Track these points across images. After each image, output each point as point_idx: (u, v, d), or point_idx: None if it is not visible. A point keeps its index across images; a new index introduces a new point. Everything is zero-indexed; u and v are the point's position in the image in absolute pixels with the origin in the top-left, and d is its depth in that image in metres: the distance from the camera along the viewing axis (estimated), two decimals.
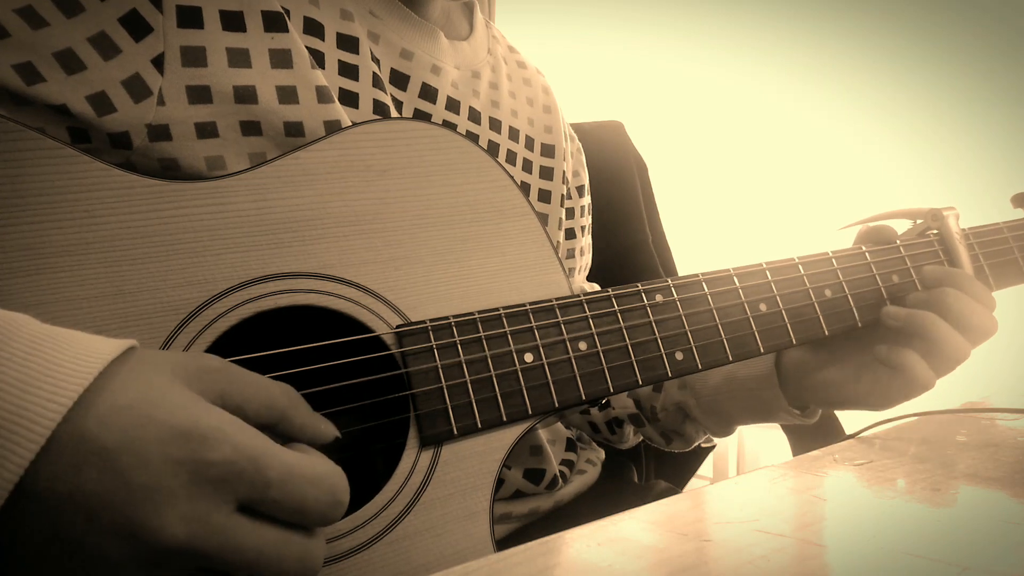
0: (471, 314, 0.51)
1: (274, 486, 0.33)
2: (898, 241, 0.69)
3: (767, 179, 2.33)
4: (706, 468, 2.29)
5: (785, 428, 0.90)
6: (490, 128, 0.72)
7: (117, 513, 0.30)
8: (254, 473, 0.32)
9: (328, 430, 0.40)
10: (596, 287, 0.87)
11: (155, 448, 0.31)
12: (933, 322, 0.61)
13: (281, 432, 0.38)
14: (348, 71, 0.59)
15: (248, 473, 0.32)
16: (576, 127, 1.09)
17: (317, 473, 0.34)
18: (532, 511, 0.71)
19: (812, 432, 0.83)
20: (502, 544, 0.46)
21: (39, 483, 0.29)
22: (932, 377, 0.61)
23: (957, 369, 0.63)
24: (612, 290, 0.56)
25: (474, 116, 0.70)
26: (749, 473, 0.50)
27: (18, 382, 0.30)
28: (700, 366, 0.57)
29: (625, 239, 1.12)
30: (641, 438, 0.88)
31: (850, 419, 0.73)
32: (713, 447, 0.94)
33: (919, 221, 0.72)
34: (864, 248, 0.67)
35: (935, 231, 0.71)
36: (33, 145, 0.43)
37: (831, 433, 0.84)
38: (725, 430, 0.78)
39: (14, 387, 0.30)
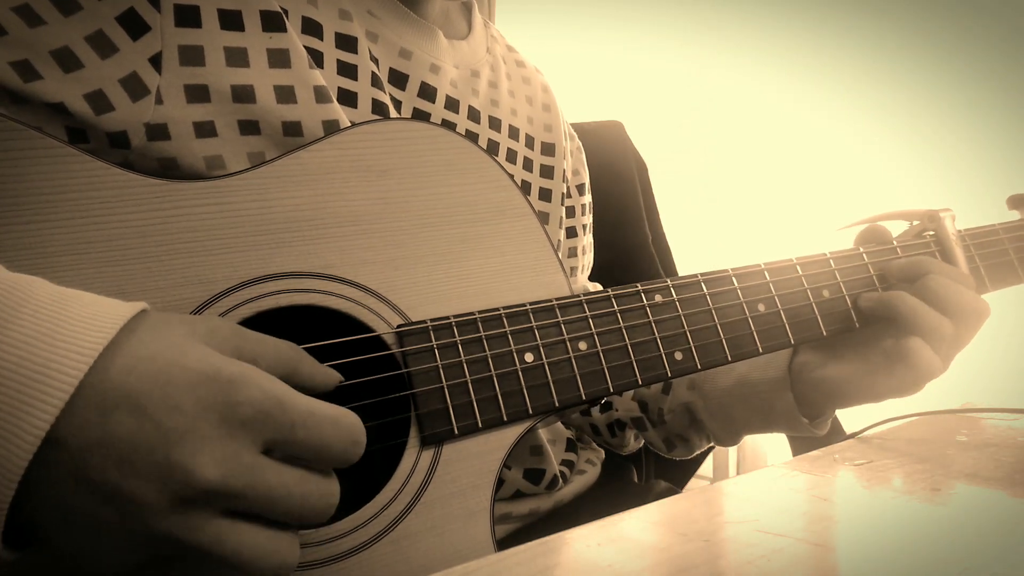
0: (471, 314, 0.51)
1: (299, 427, 0.34)
2: (895, 242, 0.69)
3: (767, 179, 2.33)
4: (706, 468, 2.30)
5: None
6: (489, 127, 0.72)
7: (151, 456, 0.31)
8: (281, 415, 0.34)
9: (333, 376, 0.43)
10: (599, 286, 0.87)
11: (185, 392, 0.32)
12: (902, 299, 0.62)
13: (292, 384, 0.39)
14: (347, 71, 0.59)
15: (275, 415, 0.34)
16: (576, 127, 1.09)
17: (336, 414, 0.36)
18: (532, 511, 0.71)
19: None
20: (502, 544, 0.46)
21: (69, 432, 0.30)
22: (937, 361, 0.61)
23: (957, 369, 0.63)
24: (612, 290, 0.56)
25: (473, 115, 0.70)
26: (749, 473, 0.50)
27: (43, 335, 0.31)
28: (699, 366, 0.57)
29: (625, 239, 1.12)
30: (642, 443, 0.88)
31: (850, 419, 0.73)
32: (713, 446, 0.94)
33: (916, 222, 0.73)
34: (862, 249, 0.68)
35: (932, 232, 0.72)
36: (32, 144, 0.43)
37: (831, 433, 0.84)
38: (732, 438, 0.77)
39: (41, 340, 0.31)
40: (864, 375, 0.65)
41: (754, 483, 0.48)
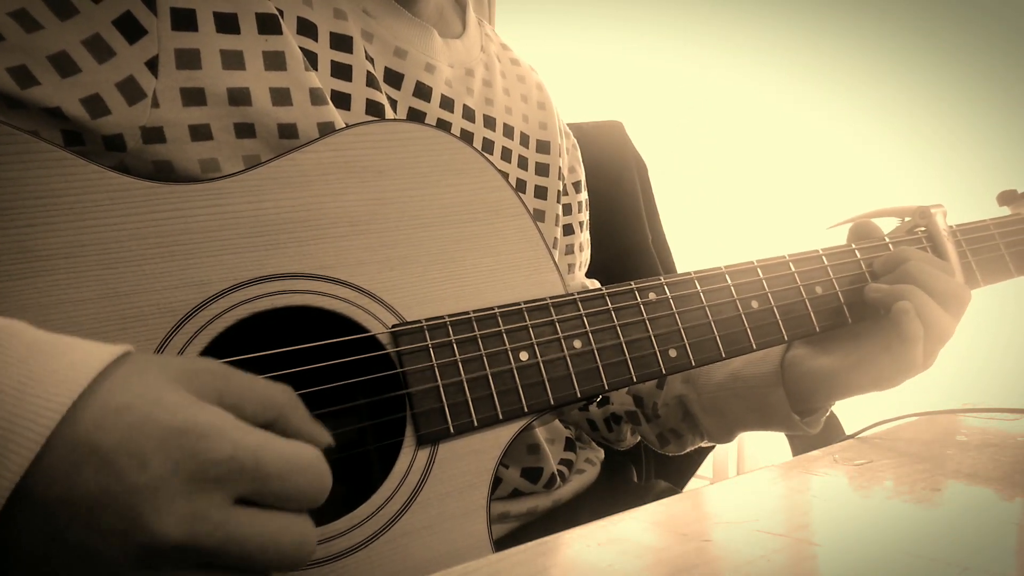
0: (466, 313, 0.51)
1: (273, 479, 0.33)
2: (887, 238, 0.69)
3: (766, 179, 2.33)
4: (706, 468, 2.29)
5: None
6: (485, 125, 0.72)
7: (115, 514, 0.30)
8: (255, 469, 0.33)
9: (322, 436, 0.40)
10: (596, 283, 0.87)
11: (154, 448, 0.31)
12: (913, 292, 0.62)
13: (278, 431, 0.38)
14: (341, 72, 0.59)
15: (249, 469, 0.33)
16: (576, 127, 1.09)
17: (309, 461, 0.35)
18: (530, 510, 0.71)
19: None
20: (501, 544, 0.46)
21: (37, 486, 0.30)
22: (922, 354, 0.61)
23: (957, 369, 0.63)
24: (606, 288, 0.56)
25: (468, 114, 0.70)
26: (749, 473, 0.50)
27: (13, 388, 0.30)
28: (693, 363, 0.57)
29: (625, 239, 1.12)
30: (638, 439, 0.88)
31: (850, 419, 0.73)
32: (713, 446, 0.94)
33: (907, 219, 0.73)
34: (854, 246, 0.68)
35: (923, 228, 0.72)
36: (27, 148, 0.43)
37: (831, 433, 0.84)
38: (725, 435, 0.77)
39: (10, 392, 0.30)
40: (853, 364, 0.65)
41: (754, 483, 0.48)
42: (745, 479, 0.49)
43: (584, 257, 0.87)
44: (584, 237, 0.87)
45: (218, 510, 0.32)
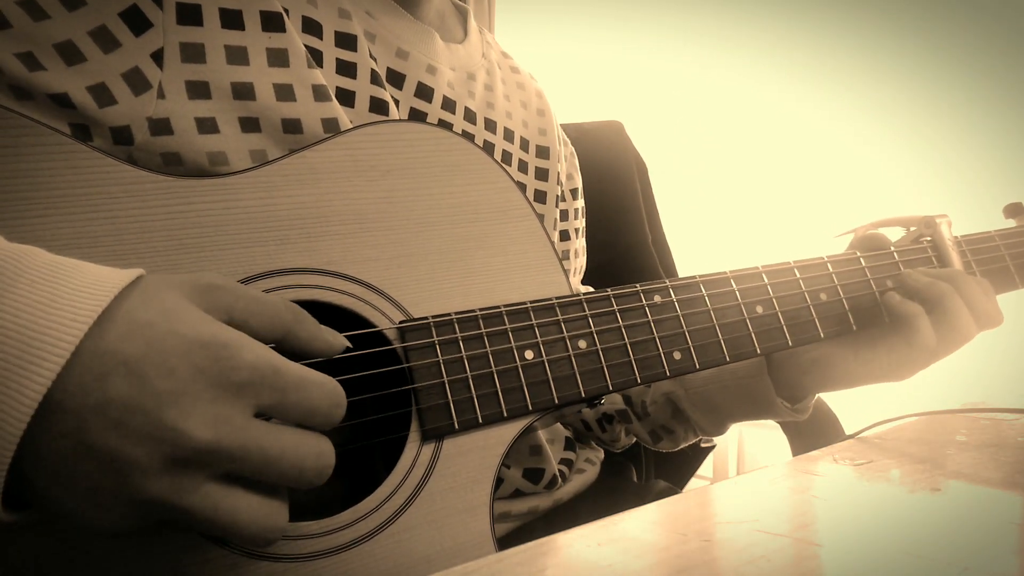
0: (473, 311, 0.52)
1: (290, 390, 0.35)
2: (892, 247, 0.70)
3: (767, 180, 2.33)
4: (706, 468, 2.30)
5: (785, 428, 0.90)
6: (485, 129, 0.72)
7: (144, 418, 0.32)
8: (274, 378, 0.35)
9: (337, 340, 0.42)
10: (590, 289, 0.87)
11: (179, 357, 0.33)
12: (952, 293, 0.63)
13: (288, 345, 0.40)
14: (346, 69, 0.60)
15: (268, 379, 0.34)
16: (576, 127, 1.10)
17: (323, 379, 0.37)
18: (531, 510, 0.71)
19: (812, 432, 0.83)
20: (501, 543, 0.46)
21: (66, 396, 0.31)
22: (935, 340, 0.62)
23: (957, 369, 0.63)
24: (611, 290, 0.57)
25: (470, 116, 0.71)
26: (749, 473, 0.50)
27: (40, 303, 0.31)
28: (697, 366, 0.57)
29: (625, 239, 1.12)
30: (633, 439, 0.88)
31: (850, 419, 0.74)
32: (713, 447, 0.94)
33: (913, 228, 0.73)
34: (859, 253, 0.68)
35: (928, 238, 0.72)
36: (43, 140, 0.43)
37: (831, 433, 0.84)
38: (716, 427, 0.78)
39: (37, 307, 0.31)
40: (856, 355, 0.65)
41: (754, 483, 0.48)
42: (745, 479, 0.49)
43: (579, 264, 0.88)
44: (580, 244, 0.87)
45: (241, 415, 0.34)
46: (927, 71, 2.01)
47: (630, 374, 0.55)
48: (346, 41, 0.60)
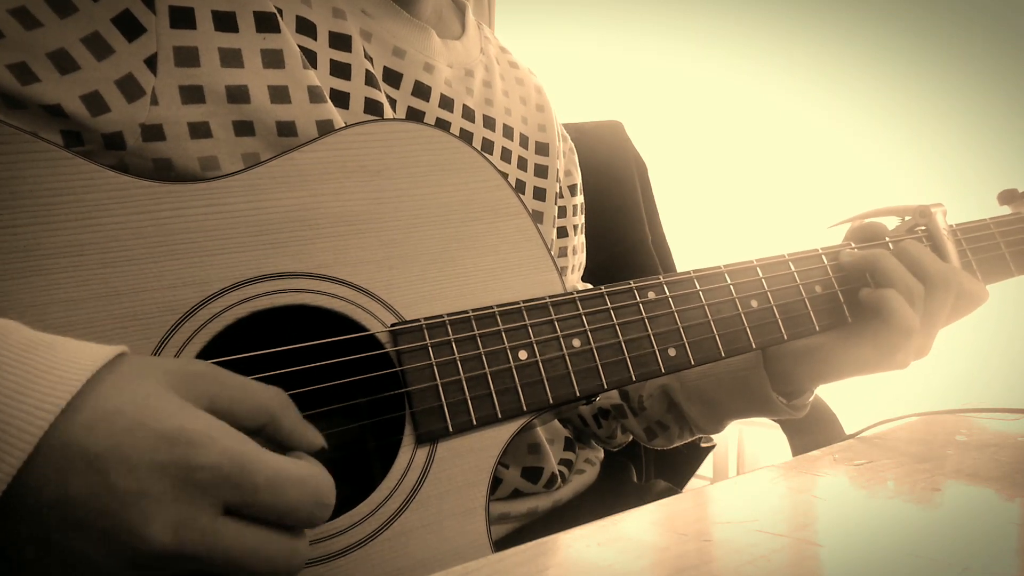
0: (465, 312, 0.51)
1: (262, 490, 0.33)
2: (887, 238, 0.69)
3: (766, 179, 2.33)
4: (706, 468, 2.29)
5: (784, 428, 0.90)
6: (484, 126, 0.72)
7: (104, 518, 0.30)
8: (241, 478, 0.33)
9: (315, 439, 0.40)
10: (589, 287, 0.87)
11: (142, 453, 0.31)
12: (884, 255, 0.63)
13: (269, 436, 0.38)
14: (340, 70, 0.60)
15: (235, 477, 0.33)
16: (576, 127, 1.09)
17: (303, 476, 0.35)
18: (531, 511, 0.71)
19: (812, 432, 0.83)
20: (501, 544, 0.46)
21: (27, 491, 0.30)
22: (912, 317, 0.62)
23: (957, 369, 0.63)
24: (605, 288, 0.56)
25: (468, 114, 0.70)
26: (749, 473, 0.50)
27: (6, 390, 0.30)
28: (693, 362, 0.57)
29: (625, 239, 1.11)
30: (630, 437, 0.88)
31: (850, 419, 0.73)
32: (713, 447, 0.94)
33: (907, 218, 0.73)
34: (853, 245, 0.68)
35: (923, 227, 0.72)
36: (27, 148, 0.43)
37: (831, 433, 0.84)
38: (712, 424, 0.77)
39: (5, 393, 0.30)
40: (845, 342, 0.65)
41: (754, 483, 0.48)
42: (745, 479, 0.49)
43: (578, 260, 0.87)
44: (579, 240, 0.87)
45: (206, 517, 0.32)
46: (921, 62, 2.01)
47: (625, 372, 0.54)
48: (340, 42, 0.60)
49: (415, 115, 0.66)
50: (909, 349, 0.63)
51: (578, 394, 0.53)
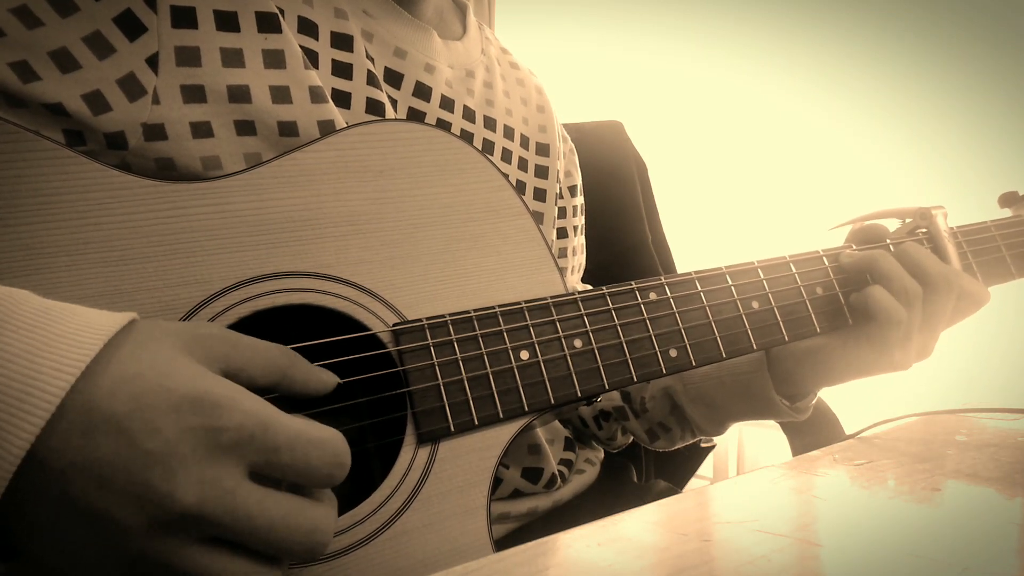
0: (467, 312, 0.51)
1: (283, 450, 0.34)
2: (888, 240, 0.70)
3: (766, 179, 2.33)
4: (706, 468, 2.29)
5: (785, 428, 0.90)
6: (485, 126, 0.72)
7: (129, 479, 0.31)
8: (264, 438, 0.33)
9: (328, 378, 0.42)
10: (589, 287, 0.87)
11: (166, 415, 0.32)
12: (883, 256, 0.64)
13: (285, 389, 0.40)
14: (341, 70, 0.60)
15: (258, 438, 0.33)
16: (576, 127, 1.09)
17: (321, 436, 0.36)
18: (531, 511, 0.71)
19: (812, 432, 0.83)
20: (500, 544, 0.46)
21: (50, 452, 0.30)
22: (898, 308, 0.62)
23: (957, 369, 0.63)
24: (606, 288, 0.56)
25: (469, 114, 0.70)
26: (749, 473, 0.50)
27: (25, 353, 0.31)
28: (694, 363, 0.57)
29: (625, 239, 1.12)
30: (631, 438, 0.88)
31: (850, 419, 0.73)
32: (713, 447, 0.94)
33: (908, 220, 0.73)
34: (855, 247, 0.68)
35: (924, 229, 0.72)
36: (30, 147, 0.43)
37: (831, 433, 0.84)
38: (714, 426, 0.77)
39: (22, 358, 0.30)
40: (844, 344, 0.65)
41: (754, 483, 0.48)
42: (745, 479, 0.49)
43: (578, 261, 0.88)
44: (579, 241, 0.87)
45: (229, 478, 0.33)
46: (921, 63, 2.01)
47: (626, 373, 0.55)
48: (342, 42, 0.60)
49: (416, 116, 0.66)
50: (908, 348, 0.63)
51: (580, 394, 0.53)
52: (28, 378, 0.30)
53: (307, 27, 0.58)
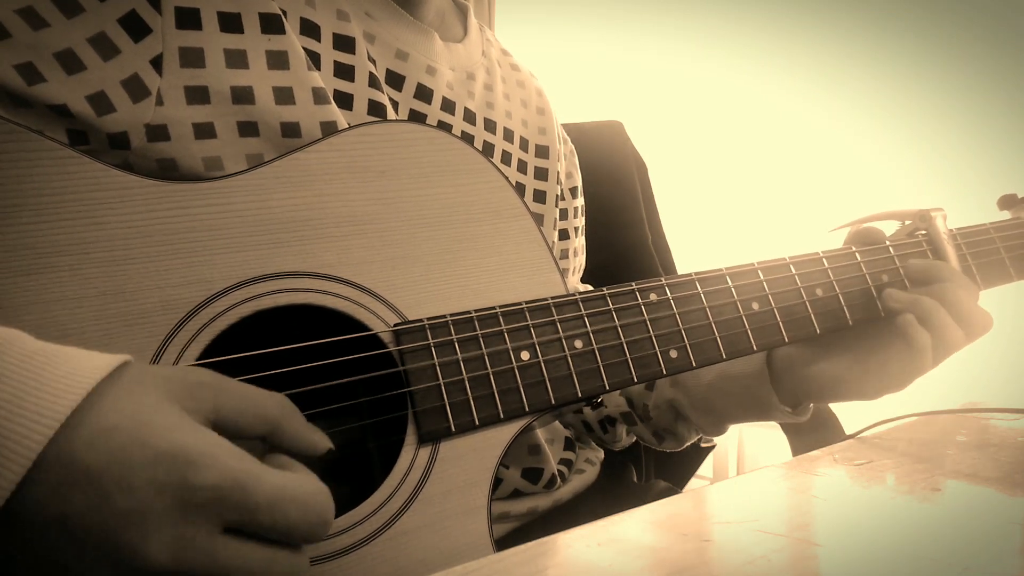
0: (468, 312, 0.51)
1: (262, 510, 0.33)
2: (887, 242, 0.70)
3: (766, 179, 2.33)
4: (706, 468, 2.29)
5: (785, 428, 0.90)
6: (485, 129, 0.72)
7: (103, 536, 0.30)
8: (241, 497, 0.32)
9: (321, 442, 0.40)
10: (589, 288, 0.87)
11: (140, 471, 0.31)
12: (936, 308, 0.62)
13: (274, 444, 0.38)
14: (343, 72, 0.60)
15: (235, 498, 0.32)
16: (576, 127, 1.09)
17: (304, 493, 0.34)
18: (530, 510, 0.71)
19: (812, 432, 0.83)
20: (500, 544, 0.46)
21: (25, 507, 0.29)
22: (931, 362, 0.62)
23: (957, 369, 0.63)
24: (607, 289, 0.56)
25: (469, 117, 0.71)
26: (749, 473, 0.50)
27: (7, 401, 0.30)
28: (694, 364, 0.57)
29: (625, 239, 1.12)
30: (634, 439, 0.88)
31: (850, 419, 0.73)
32: (713, 447, 0.94)
33: (908, 222, 0.73)
34: (854, 248, 0.68)
35: (923, 232, 0.72)
36: (33, 146, 0.43)
37: (831, 433, 0.84)
38: (718, 428, 0.78)
39: (4, 406, 0.30)
40: (855, 371, 0.65)
41: (754, 483, 0.48)
42: (745, 479, 0.49)
43: (579, 262, 0.88)
44: (579, 242, 0.87)
45: (205, 537, 0.32)
46: (922, 64, 2.01)
47: (626, 373, 0.55)
48: (344, 43, 0.60)
49: (417, 117, 0.66)
50: (928, 366, 0.63)
51: (580, 395, 0.53)
52: (7, 430, 0.29)
53: (310, 29, 0.58)
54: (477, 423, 0.49)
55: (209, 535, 0.32)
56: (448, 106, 0.69)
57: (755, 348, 0.60)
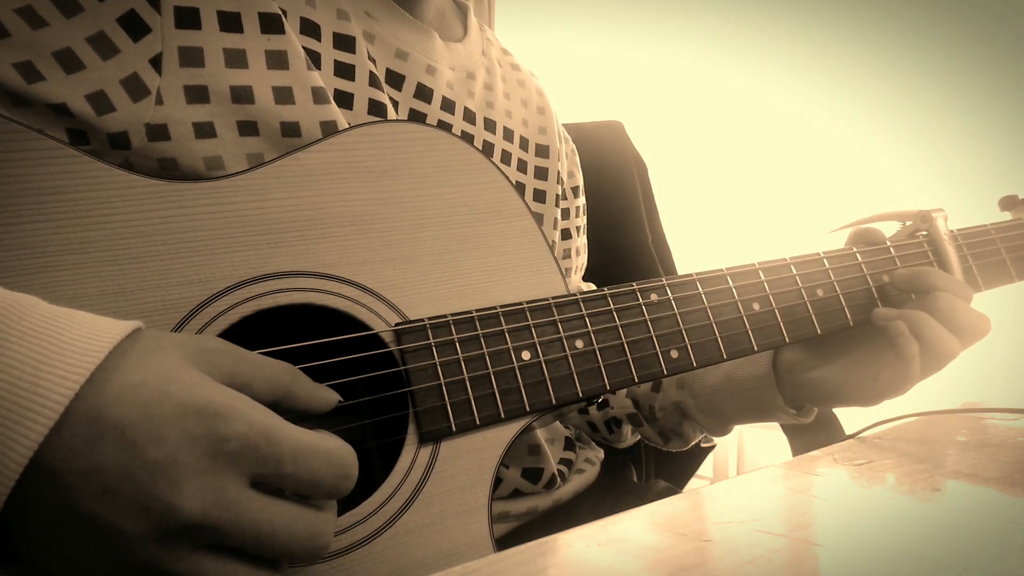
0: (469, 312, 0.52)
1: (287, 461, 0.34)
2: (888, 242, 0.70)
3: (766, 179, 2.33)
4: (706, 468, 2.30)
5: (785, 428, 0.90)
6: (485, 128, 0.72)
7: (133, 487, 0.31)
8: (268, 448, 0.33)
9: (330, 396, 0.42)
10: (592, 287, 0.87)
11: (171, 424, 0.32)
12: (925, 320, 0.62)
13: (287, 405, 0.39)
14: (344, 71, 0.60)
15: (262, 448, 0.33)
16: (576, 127, 1.09)
17: (327, 447, 0.35)
18: (530, 510, 0.71)
19: (812, 432, 0.83)
20: (500, 543, 0.46)
21: (54, 458, 0.30)
22: (920, 372, 0.62)
23: (957, 369, 0.63)
24: (608, 289, 0.57)
25: (469, 116, 0.71)
26: (749, 473, 0.50)
27: (31, 359, 0.31)
28: (695, 364, 0.57)
29: (625, 239, 1.12)
30: (639, 437, 0.88)
31: (850, 419, 0.74)
32: (713, 447, 0.94)
33: (908, 223, 0.73)
34: (855, 249, 0.68)
35: (924, 232, 0.72)
36: (34, 145, 0.43)
37: (831, 433, 0.84)
38: (722, 429, 0.79)
39: (28, 364, 0.30)
40: (853, 378, 0.65)
41: (754, 483, 0.48)
42: (745, 479, 0.49)
43: (580, 261, 0.88)
44: (581, 242, 0.87)
45: (233, 487, 0.33)
46: (922, 64, 2.01)
47: (627, 373, 0.55)
48: (344, 43, 0.60)
49: (417, 117, 0.66)
50: (917, 374, 0.63)
51: (581, 395, 0.53)
52: (33, 384, 0.30)
53: (310, 28, 0.58)
54: (478, 423, 0.49)
55: (238, 487, 0.33)
56: (448, 105, 0.69)
57: (756, 348, 0.60)
